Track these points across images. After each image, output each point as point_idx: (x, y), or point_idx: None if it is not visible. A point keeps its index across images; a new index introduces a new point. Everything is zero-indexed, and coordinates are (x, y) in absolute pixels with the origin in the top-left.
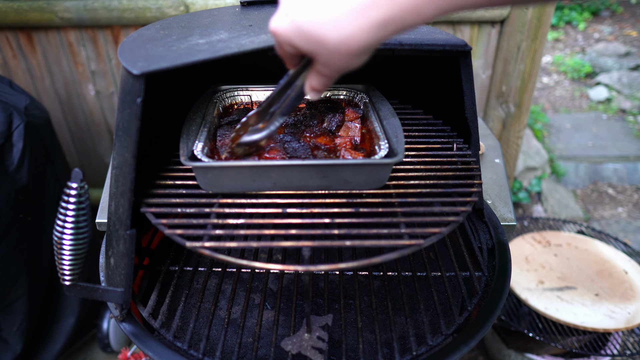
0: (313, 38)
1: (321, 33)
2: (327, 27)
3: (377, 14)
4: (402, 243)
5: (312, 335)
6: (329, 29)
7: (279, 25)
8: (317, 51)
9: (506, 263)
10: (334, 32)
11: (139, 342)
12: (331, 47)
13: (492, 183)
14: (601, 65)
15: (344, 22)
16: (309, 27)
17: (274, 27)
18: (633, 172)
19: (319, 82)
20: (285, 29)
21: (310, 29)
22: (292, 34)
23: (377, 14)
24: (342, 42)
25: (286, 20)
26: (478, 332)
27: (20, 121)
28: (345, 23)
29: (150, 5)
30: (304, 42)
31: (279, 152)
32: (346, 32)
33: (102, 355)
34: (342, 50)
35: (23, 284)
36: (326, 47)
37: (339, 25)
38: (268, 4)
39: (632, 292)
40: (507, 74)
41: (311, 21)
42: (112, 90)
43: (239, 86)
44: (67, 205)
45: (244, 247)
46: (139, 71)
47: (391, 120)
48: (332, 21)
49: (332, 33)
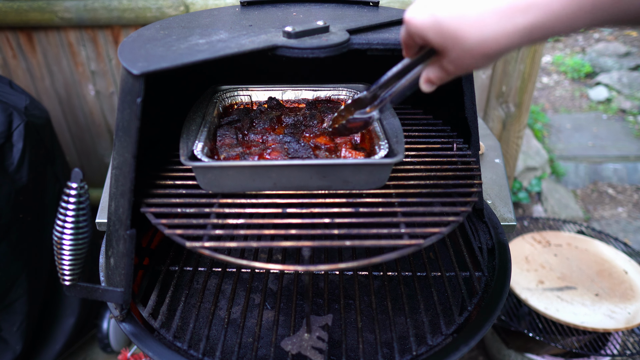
0: (450, 34)
1: (460, 31)
2: (468, 27)
3: (525, 19)
4: (402, 243)
5: (312, 335)
6: (469, 28)
7: (415, 16)
8: (450, 47)
9: (506, 263)
10: (473, 33)
11: (139, 342)
12: (467, 46)
13: (492, 183)
14: (601, 65)
15: (487, 24)
16: (448, 23)
17: (410, 17)
18: (633, 172)
19: (438, 76)
20: (422, 21)
21: (449, 25)
22: (428, 27)
23: (525, 19)
24: (479, 44)
25: (425, 13)
26: (478, 332)
27: (20, 121)
28: (489, 25)
29: (150, 5)
30: (438, 37)
31: (280, 153)
32: (487, 34)
33: (102, 355)
34: (477, 51)
35: (23, 284)
36: (462, 45)
37: (482, 26)
38: (268, 4)
39: (632, 292)
40: (507, 74)
41: (452, 18)
42: (112, 90)
43: (239, 86)
44: (67, 205)
45: (244, 247)
46: (139, 71)
47: (391, 120)
48: (475, 21)
49: (471, 33)
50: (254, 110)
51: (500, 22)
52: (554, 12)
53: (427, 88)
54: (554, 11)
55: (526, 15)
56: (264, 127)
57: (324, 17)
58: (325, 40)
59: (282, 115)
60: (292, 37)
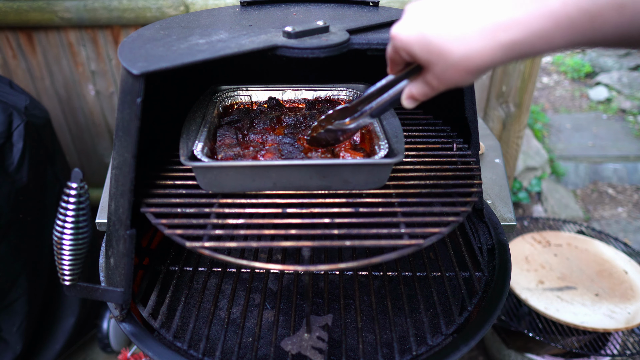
0: (435, 49)
1: (446, 46)
2: (453, 42)
3: (506, 36)
4: (402, 243)
5: (312, 335)
6: (454, 43)
7: (402, 32)
8: (435, 62)
9: (506, 263)
10: (458, 48)
11: (139, 342)
12: (451, 61)
13: (492, 183)
14: (601, 65)
15: (471, 40)
16: (434, 39)
17: (397, 33)
18: (633, 172)
19: (421, 92)
20: (409, 37)
21: (435, 41)
22: (414, 42)
23: (506, 35)
24: (464, 59)
25: (412, 29)
26: (478, 332)
27: (20, 121)
28: (473, 41)
29: (150, 5)
30: (423, 52)
31: (274, 154)
32: (471, 49)
33: (102, 355)
34: (461, 66)
35: (23, 284)
36: (446, 60)
37: (466, 42)
38: (268, 4)
39: (632, 292)
40: (507, 74)
41: (438, 34)
42: (112, 90)
43: (239, 86)
44: (67, 205)
45: (243, 247)
46: (139, 71)
47: (391, 120)
48: (459, 37)
49: (456, 48)
50: (254, 110)
51: (483, 38)
52: (533, 30)
53: (409, 104)
54: (533, 29)
55: (508, 32)
56: (264, 127)
57: (324, 17)
58: (325, 40)
59: (282, 115)
60: (292, 37)
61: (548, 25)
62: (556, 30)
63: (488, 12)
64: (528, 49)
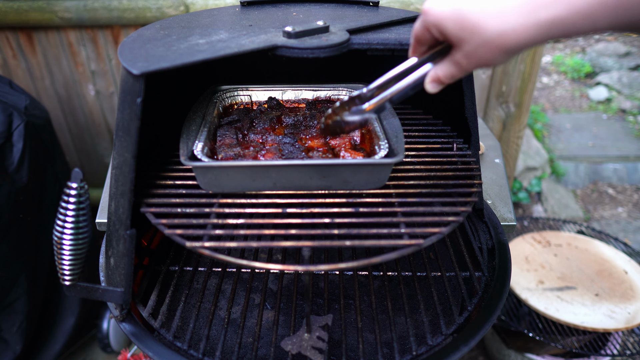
0: (470, 24)
1: (481, 21)
2: (489, 17)
3: (547, 13)
4: (402, 243)
5: (312, 335)
6: (491, 19)
7: (435, 6)
8: (467, 39)
9: (506, 263)
10: (494, 24)
11: (139, 342)
12: (486, 37)
13: (492, 183)
14: (601, 65)
15: (508, 16)
16: (470, 14)
17: (429, 7)
18: (633, 172)
19: (448, 73)
20: (442, 11)
21: (470, 15)
22: (448, 16)
23: (547, 13)
24: (499, 35)
25: (446, 3)
26: (478, 332)
27: (20, 121)
28: (510, 17)
29: (150, 5)
30: (456, 27)
31: (274, 154)
32: (508, 26)
33: (102, 355)
34: (496, 43)
35: (23, 284)
36: (481, 36)
37: (503, 18)
38: (268, 4)
39: (632, 292)
40: (507, 74)
41: (474, 9)
42: (112, 90)
43: (239, 86)
44: (67, 205)
45: (244, 247)
46: (139, 71)
47: (391, 120)
48: (497, 13)
49: (492, 24)
50: (254, 110)
51: (521, 15)
52: (577, 8)
53: (433, 88)
54: (576, 7)
55: (549, 9)
56: (264, 127)
57: (324, 17)
58: (325, 40)
59: (282, 115)
60: (292, 37)
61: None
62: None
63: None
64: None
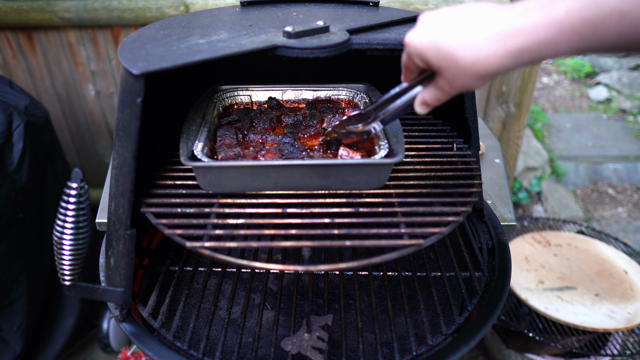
0: (447, 55)
1: (456, 52)
2: (463, 48)
3: (514, 43)
4: (402, 243)
5: (312, 335)
6: (465, 50)
7: (415, 39)
8: (446, 67)
9: (506, 263)
10: (468, 54)
11: (139, 342)
12: (462, 66)
13: (492, 183)
14: (601, 65)
15: (480, 46)
16: (446, 45)
17: (410, 40)
18: (633, 172)
19: (434, 97)
20: (422, 43)
21: (446, 47)
22: (427, 48)
23: (515, 42)
24: (473, 64)
25: (425, 36)
26: (478, 332)
27: (20, 121)
28: (482, 47)
29: (150, 5)
30: (435, 58)
31: (274, 155)
32: (480, 55)
33: (102, 355)
34: (471, 71)
35: (23, 284)
36: (457, 65)
37: (476, 48)
38: (268, 4)
39: (632, 292)
40: (507, 74)
41: (450, 42)
42: (112, 90)
43: (239, 86)
44: (67, 205)
45: (244, 247)
46: (139, 71)
47: None
48: (469, 44)
49: (466, 54)
50: (254, 110)
51: (492, 45)
52: (539, 38)
53: (422, 110)
54: (539, 36)
55: (515, 39)
56: (264, 127)
57: (324, 17)
58: (325, 40)
59: (282, 115)
60: (292, 37)
61: (553, 33)
62: (561, 38)
63: (496, 21)
64: (535, 55)
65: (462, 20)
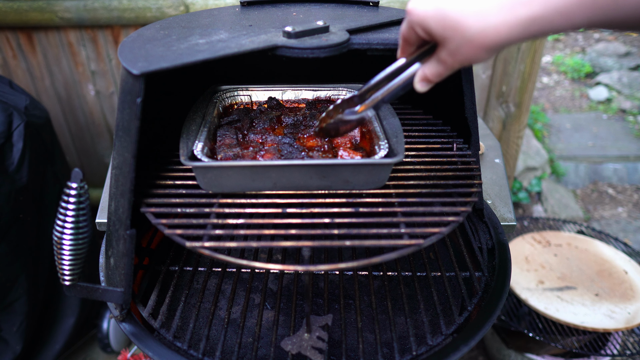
0: (452, 23)
1: (462, 20)
2: (470, 16)
3: (526, 11)
4: (402, 243)
5: (312, 335)
6: (471, 17)
7: (418, 6)
8: (450, 38)
9: (506, 263)
10: (475, 22)
11: (139, 342)
12: (468, 35)
13: (492, 183)
14: (601, 65)
15: (488, 14)
16: (451, 12)
17: (413, 7)
18: (633, 172)
19: (435, 72)
20: (425, 10)
21: (452, 14)
22: (430, 16)
23: (526, 10)
24: (480, 33)
25: (428, 3)
26: (478, 332)
27: (20, 121)
28: (490, 15)
29: (150, 5)
30: (439, 26)
31: (273, 155)
32: (488, 24)
33: (102, 355)
34: (478, 41)
35: (23, 284)
36: (463, 34)
37: (483, 16)
38: (268, 4)
39: (632, 292)
40: (507, 74)
41: (455, 9)
42: (112, 90)
43: (239, 86)
44: (67, 205)
45: (243, 247)
46: (139, 71)
47: (391, 120)
48: (477, 11)
49: (473, 22)
50: (254, 110)
51: (501, 12)
52: (553, 5)
53: (422, 87)
54: (553, 4)
55: (527, 6)
56: (264, 127)
57: (324, 17)
58: (325, 40)
59: (282, 115)
60: (292, 37)
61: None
62: (578, 6)
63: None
64: (547, 26)
65: None
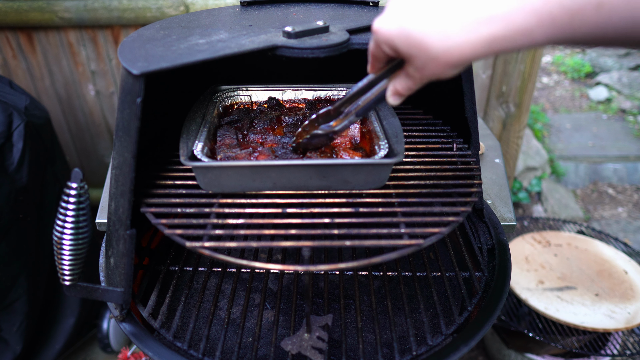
0: (416, 42)
1: (426, 39)
2: (433, 36)
3: (487, 30)
4: (402, 243)
5: (312, 335)
6: (434, 37)
7: (383, 25)
8: (415, 55)
9: (506, 263)
10: (438, 42)
11: (139, 342)
12: (432, 54)
13: (492, 183)
14: (601, 65)
15: (451, 34)
16: (415, 33)
17: (378, 27)
18: (633, 172)
19: (405, 86)
20: (390, 30)
21: (415, 34)
22: (395, 35)
23: (487, 29)
24: (444, 52)
25: (393, 23)
26: (478, 332)
27: (20, 121)
28: (453, 35)
29: (150, 5)
30: (404, 45)
31: (268, 156)
32: (452, 44)
33: (102, 355)
34: (442, 59)
35: (23, 284)
36: (427, 53)
37: (446, 36)
38: (268, 4)
39: (632, 292)
40: (507, 74)
41: (419, 28)
42: (112, 90)
43: (239, 86)
44: (67, 205)
45: (243, 247)
46: (139, 71)
47: (391, 120)
48: (440, 31)
49: (436, 42)
50: (254, 110)
51: (463, 32)
52: (514, 25)
53: (395, 101)
54: (514, 23)
55: (488, 26)
56: (264, 127)
57: (324, 17)
58: (325, 40)
59: (282, 115)
60: (292, 37)
61: (529, 21)
62: (537, 26)
63: (470, 6)
64: (509, 44)
65: (432, 5)
